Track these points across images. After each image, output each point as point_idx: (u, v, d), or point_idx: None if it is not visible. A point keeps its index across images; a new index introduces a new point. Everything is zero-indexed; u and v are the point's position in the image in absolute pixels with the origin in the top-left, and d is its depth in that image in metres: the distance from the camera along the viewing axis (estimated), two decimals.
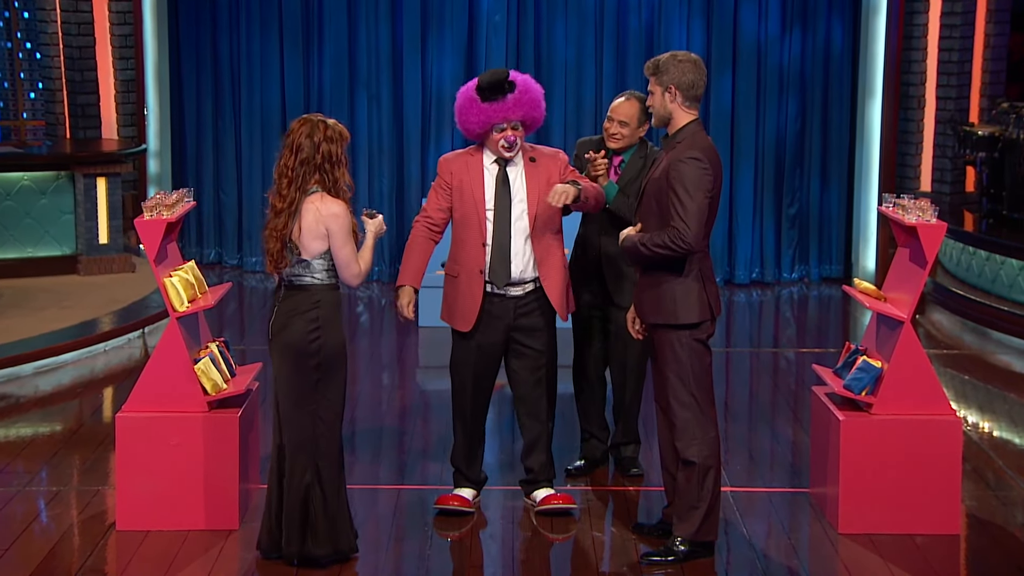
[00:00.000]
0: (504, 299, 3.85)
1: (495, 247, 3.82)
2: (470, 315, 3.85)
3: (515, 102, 3.79)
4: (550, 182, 3.84)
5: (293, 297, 3.51)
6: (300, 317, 3.49)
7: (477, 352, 3.88)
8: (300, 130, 3.48)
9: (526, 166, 3.87)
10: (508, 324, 3.87)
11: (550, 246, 3.87)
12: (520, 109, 3.79)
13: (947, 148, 7.34)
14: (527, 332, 3.88)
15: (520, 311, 3.86)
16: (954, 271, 6.92)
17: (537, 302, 3.89)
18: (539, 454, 3.99)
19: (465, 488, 3.99)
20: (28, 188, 6.87)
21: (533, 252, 3.85)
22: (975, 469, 4.42)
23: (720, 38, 7.34)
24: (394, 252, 7.55)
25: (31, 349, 5.56)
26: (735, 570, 3.65)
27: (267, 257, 3.53)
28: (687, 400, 3.60)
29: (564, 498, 3.97)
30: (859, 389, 3.87)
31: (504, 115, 3.79)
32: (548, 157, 3.90)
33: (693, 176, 3.48)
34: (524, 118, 3.81)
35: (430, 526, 3.90)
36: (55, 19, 7.38)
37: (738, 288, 7.40)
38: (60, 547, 3.75)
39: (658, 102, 3.58)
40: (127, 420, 3.83)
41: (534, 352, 3.90)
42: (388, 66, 7.39)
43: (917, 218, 3.85)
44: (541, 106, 3.85)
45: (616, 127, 4.15)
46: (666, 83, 3.55)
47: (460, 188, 3.86)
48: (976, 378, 5.68)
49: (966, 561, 3.77)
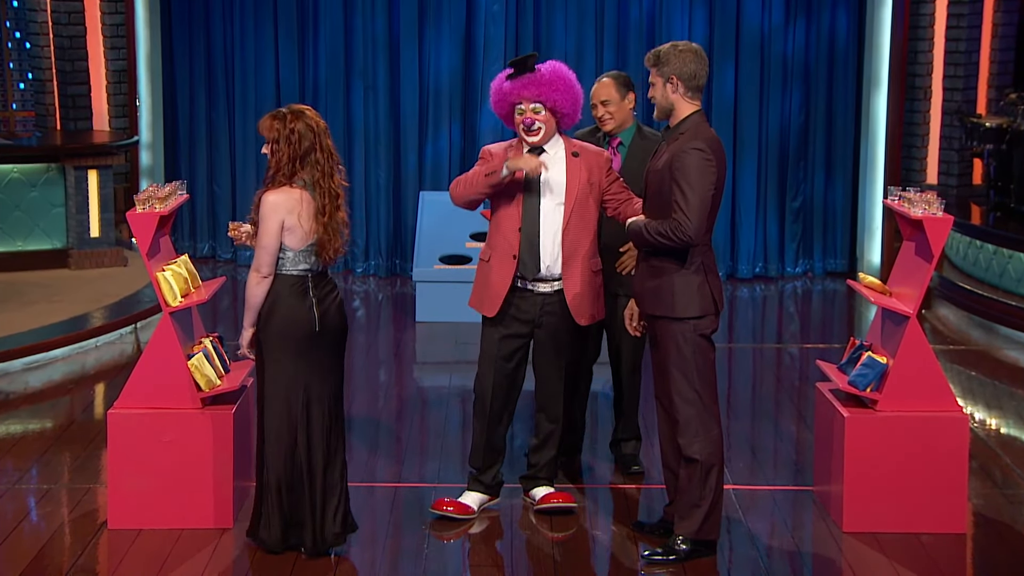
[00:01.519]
0: (532, 295, 3.82)
1: (524, 235, 3.79)
2: (497, 299, 3.81)
3: (530, 80, 3.75)
4: (591, 180, 3.80)
5: None
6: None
7: (500, 344, 3.84)
8: None
9: (568, 160, 3.81)
10: (533, 320, 3.84)
11: (579, 246, 3.80)
12: (534, 88, 3.74)
13: (954, 140, 7.29)
14: (550, 332, 3.85)
15: (546, 309, 3.83)
16: (961, 265, 6.87)
17: (563, 302, 3.83)
18: (547, 452, 3.96)
19: (475, 492, 3.91)
20: (18, 180, 6.81)
21: (563, 248, 3.79)
22: (982, 467, 4.38)
23: (722, 28, 7.28)
24: (391, 245, 7.49)
25: (21, 344, 5.52)
26: (737, 569, 3.61)
27: None
28: (690, 396, 3.55)
29: (564, 497, 3.93)
30: (864, 385, 3.83)
31: (519, 92, 3.75)
32: (592, 154, 3.86)
33: (696, 168, 3.44)
34: (540, 98, 3.74)
35: (428, 523, 3.86)
36: (45, 8, 7.33)
37: (741, 282, 7.35)
38: (50, 546, 3.71)
39: (660, 93, 3.54)
40: (119, 417, 3.79)
41: (553, 353, 3.87)
42: (385, 57, 7.32)
43: (923, 211, 3.81)
44: (564, 90, 3.76)
45: (601, 109, 4.15)
46: (667, 74, 3.51)
47: None
48: (983, 374, 5.64)
49: (972, 560, 3.73)
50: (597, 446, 4.63)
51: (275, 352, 3.55)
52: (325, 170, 3.50)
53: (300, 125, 3.48)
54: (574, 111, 3.82)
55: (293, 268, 3.54)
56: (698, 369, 3.55)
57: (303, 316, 3.52)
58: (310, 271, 3.56)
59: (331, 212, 3.51)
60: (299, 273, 3.55)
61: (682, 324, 3.53)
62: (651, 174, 3.58)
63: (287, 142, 3.47)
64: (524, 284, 3.82)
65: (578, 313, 3.82)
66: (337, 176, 3.54)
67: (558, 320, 3.83)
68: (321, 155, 3.49)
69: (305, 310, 3.52)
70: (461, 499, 3.89)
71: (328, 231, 3.51)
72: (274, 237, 3.50)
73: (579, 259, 3.80)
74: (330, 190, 3.50)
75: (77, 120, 7.36)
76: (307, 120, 3.49)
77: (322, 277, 3.60)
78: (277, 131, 3.49)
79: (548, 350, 3.86)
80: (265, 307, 3.56)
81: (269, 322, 3.55)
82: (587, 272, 3.83)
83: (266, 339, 3.57)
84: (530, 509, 3.94)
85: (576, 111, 3.82)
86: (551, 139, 3.82)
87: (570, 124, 3.85)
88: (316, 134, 3.49)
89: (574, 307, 3.82)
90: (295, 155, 3.47)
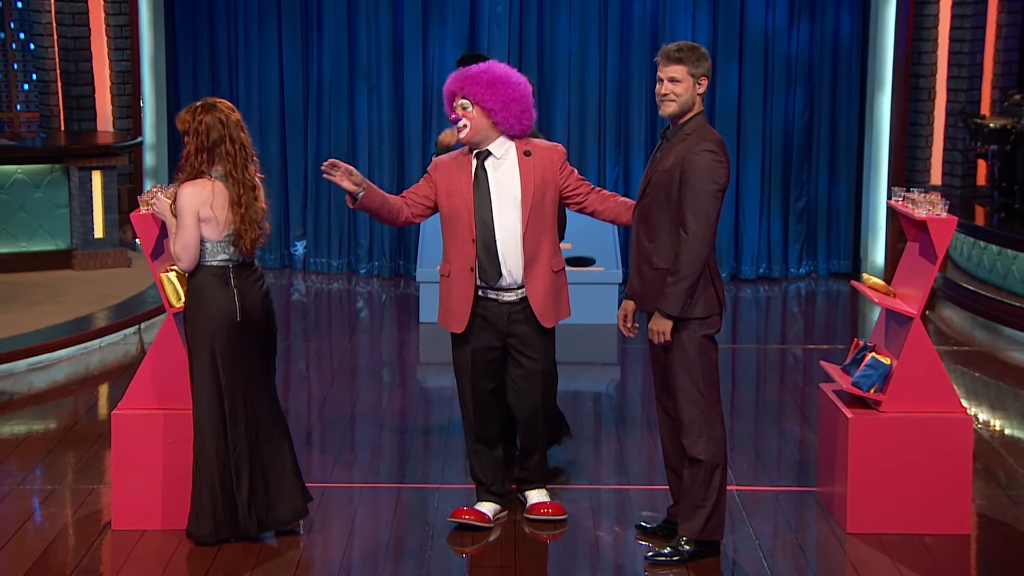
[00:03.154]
0: (498, 304, 3.75)
1: (480, 244, 3.71)
2: (462, 315, 3.75)
3: (458, 74, 3.71)
4: (546, 178, 3.73)
5: None
6: None
7: (473, 357, 3.78)
8: None
9: (520, 160, 3.74)
10: (502, 330, 3.77)
11: (540, 249, 3.73)
12: (457, 82, 3.69)
13: (958, 141, 7.27)
14: (522, 339, 3.78)
15: (514, 317, 3.76)
16: (965, 266, 6.86)
17: (529, 308, 3.76)
18: (533, 457, 3.92)
19: (487, 502, 3.87)
20: (22, 181, 6.82)
21: (523, 253, 3.72)
22: (986, 468, 4.37)
23: (726, 28, 7.27)
24: (394, 246, 7.49)
25: (25, 345, 5.53)
26: (741, 570, 3.61)
27: None
28: (694, 397, 3.55)
29: (555, 508, 3.88)
30: (868, 386, 3.82)
31: (448, 86, 3.73)
32: (545, 150, 3.78)
33: (708, 168, 3.45)
34: (464, 91, 3.67)
35: (431, 525, 3.86)
36: (49, 9, 7.33)
37: (744, 283, 7.34)
38: (54, 547, 3.71)
39: (687, 91, 3.51)
40: (123, 417, 3.79)
41: (529, 360, 3.80)
42: (388, 58, 7.32)
43: (927, 212, 3.80)
44: (488, 84, 3.65)
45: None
46: (699, 74, 3.52)
47: (448, 185, 3.76)
48: (987, 375, 5.63)
49: (976, 561, 3.72)
50: (599, 446, 4.63)
51: (200, 345, 3.59)
52: (237, 162, 3.55)
53: (208, 118, 3.54)
54: (504, 110, 3.67)
55: (212, 259, 3.60)
56: (702, 370, 3.54)
57: (225, 306, 3.57)
58: (230, 261, 3.60)
59: (248, 202, 3.56)
60: (219, 263, 3.60)
61: (687, 325, 3.52)
62: (656, 174, 3.57)
63: (195, 134, 3.54)
64: (486, 294, 3.74)
65: (544, 316, 3.75)
66: (252, 167, 3.59)
67: (527, 327, 3.75)
68: (231, 146, 3.55)
69: (227, 300, 3.57)
70: (477, 507, 3.85)
71: (245, 221, 3.55)
72: (193, 229, 3.55)
73: (541, 262, 3.72)
74: (243, 181, 3.56)
75: (81, 121, 7.37)
76: (217, 113, 3.55)
77: (245, 268, 3.64)
78: (187, 123, 3.56)
79: (523, 357, 3.78)
80: (189, 300, 3.61)
81: (193, 314, 3.60)
82: (549, 274, 3.75)
83: (191, 333, 3.61)
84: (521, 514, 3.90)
85: (512, 112, 3.68)
86: (492, 141, 3.72)
87: (512, 127, 3.71)
88: (226, 126, 3.54)
89: (540, 311, 3.73)
90: (202, 147, 3.53)
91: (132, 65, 7.47)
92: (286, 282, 7.30)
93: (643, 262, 3.61)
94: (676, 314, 3.49)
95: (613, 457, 4.48)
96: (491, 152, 3.75)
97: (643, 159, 7.22)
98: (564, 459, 4.39)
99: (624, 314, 3.69)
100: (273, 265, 7.54)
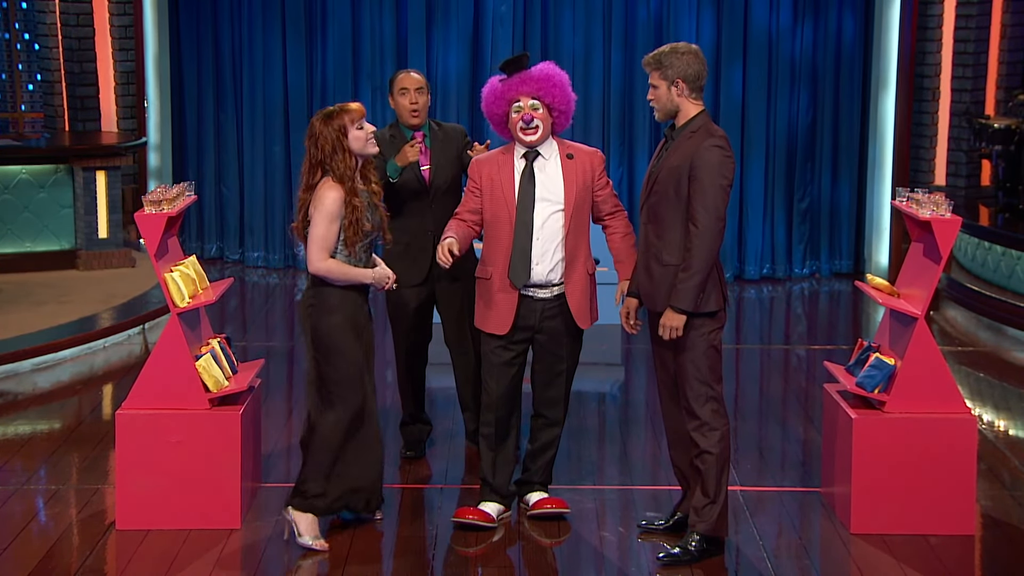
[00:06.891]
0: (532, 301, 3.77)
1: (516, 246, 3.73)
2: (506, 317, 3.76)
3: (527, 76, 3.73)
4: (586, 181, 3.76)
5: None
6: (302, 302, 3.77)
7: (502, 352, 3.79)
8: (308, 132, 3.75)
9: (563, 163, 3.77)
10: (533, 326, 3.79)
11: (579, 251, 3.77)
12: (532, 84, 3.72)
13: (962, 141, 7.26)
14: (551, 336, 3.80)
15: (546, 314, 3.78)
16: (969, 266, 6.85)
17: (564, 307, 3.79)
18: (543, 456, 3.93)
19: (490, 502, 3.88)
20: (26, 181, 6.83)
21: (564, 254, 3.75)
22: (990, 468, 4.36)
23: (730, 29, 7.27)
24: None
25: (30, 345, 5.53)
26: (745, 570, 3.61)
27: None
28: (704, 391, 3.57)
29: (556, 502, 3.89)
30: (872, 387, 3.81)
31: (516, 89, 3.73)
32: (586, 154, 3.81)
33: (718, 164, 3.48)
34: (539, 93, 3.72)
35: (434, 525, 3.85)
36: (54, 9, 7.34)
37: (748, 284, 7.34)
38: (59, 547, 3.72)
39: (664, 96, 3.55)
40: (127, 417, 3.80)
41: (554, 358, 3.82)
42: (392, 57, 7.32)
43: (931, 212, 3.80)
44: (560, 86, 3.75)
45: (415, 95, 4.21)
46: (671, 77, 3.52)
47: (491, 188, 3.78)
48: (991, 376, 5.62)
49: (981, 562, 3.72)
50: (604, 447, 4.63)
51: (349, 341, 3.71)
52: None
53: None
54: (568, 110, 3.77)
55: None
56: (710, 365, 3.57)
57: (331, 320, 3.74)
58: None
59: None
60: None
61: (697, 320, 3.53)
62: (664, 172, 3.57)
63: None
64: (525, 291, 3.77)
65: (580, 317, 3.79)
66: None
67: (558, 324, 3.78)
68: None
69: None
70: (480, 507, 3.86)
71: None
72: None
73: (579, 263, 3.77)
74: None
75: (85, 121, 7.38)
76: None
77: None
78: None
79: (549, 355, 3.81)
80: (335, 300, 3.68)
81: (341, 313, 3.69)
82: (586, 275, 3.80)
83: (339, 326, 3.69)
84: (524, 514, 3.90)
85: (569, 111, 3.78)
86: (545, 141, 3.78)
87: (563, 126, 3.80)
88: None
89: (577, 311, 3.78)
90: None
91: (136, 65, 7.48)
92: (290, 282, 7.30)
93: (652, 259, 3.61)
94: (689, 309, 3.49)
95: (617, 457, 4.48)
96: (540, 153, 3.78)
97: (647, 159, 7.21)
98: (568, 459, 4.39)
99: (627, 311, 3.71)
100: (277, 265, 7.54)
